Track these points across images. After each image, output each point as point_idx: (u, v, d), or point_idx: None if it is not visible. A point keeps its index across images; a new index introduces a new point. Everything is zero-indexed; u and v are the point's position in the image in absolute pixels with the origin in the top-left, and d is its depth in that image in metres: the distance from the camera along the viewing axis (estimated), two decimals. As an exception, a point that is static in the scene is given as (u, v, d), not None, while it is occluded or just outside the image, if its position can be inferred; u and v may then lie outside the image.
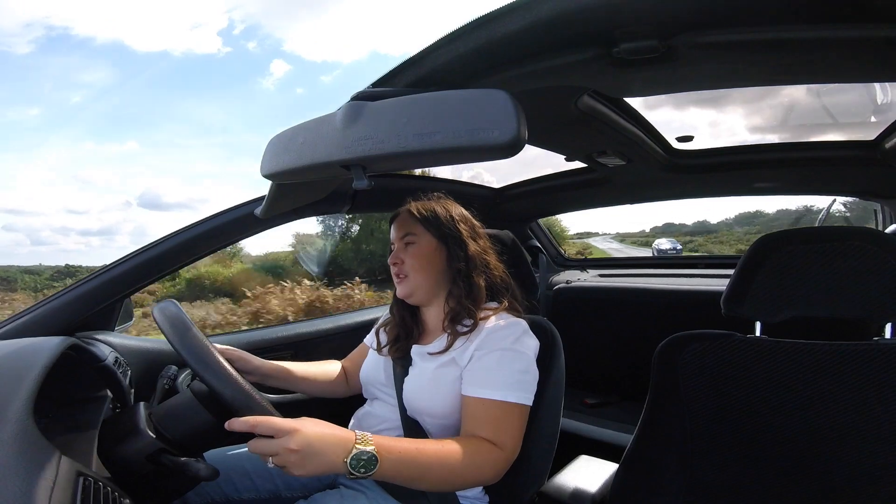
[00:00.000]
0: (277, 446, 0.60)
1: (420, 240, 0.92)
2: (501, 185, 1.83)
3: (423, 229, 0.93)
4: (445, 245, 0.92)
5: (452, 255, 0.91)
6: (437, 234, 0.92)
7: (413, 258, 0.92)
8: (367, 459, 0.62)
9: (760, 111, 1.21)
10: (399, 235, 0.95)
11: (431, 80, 0.54)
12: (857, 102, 1.13)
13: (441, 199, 0.99)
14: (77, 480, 0.51)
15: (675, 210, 46.17)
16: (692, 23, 0.49)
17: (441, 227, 0.92)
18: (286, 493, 0.93)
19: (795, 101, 1.15)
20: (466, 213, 0.98)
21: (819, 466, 0.77)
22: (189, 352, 0.65)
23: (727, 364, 0.84)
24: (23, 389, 0.59)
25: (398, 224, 0.96)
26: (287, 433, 0.60)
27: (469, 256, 0.91)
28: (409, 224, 0.94)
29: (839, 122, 1.19)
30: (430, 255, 0.92)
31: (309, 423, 0.63)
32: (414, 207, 0.95)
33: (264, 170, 0.64)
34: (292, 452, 0.60)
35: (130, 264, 1.08)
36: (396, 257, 0.94)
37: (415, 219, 0.93)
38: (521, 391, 0.81)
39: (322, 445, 0.62)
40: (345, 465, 0.62)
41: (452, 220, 0.93)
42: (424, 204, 0.96)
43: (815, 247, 0.78)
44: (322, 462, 0.61)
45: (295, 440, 0.60)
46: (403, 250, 0.93)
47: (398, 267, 0.93)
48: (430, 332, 0.95)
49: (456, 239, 0.92)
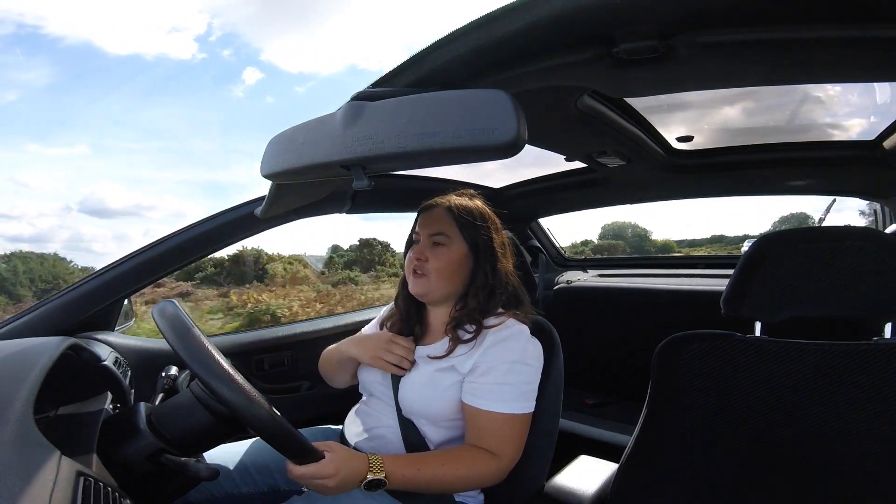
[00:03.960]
0: (319, 484, 0.71)
1: (452, 244, 0.87)
2: (501, 185, 1.83)
3: (458, 233, 0.87)
4: (475, 255, 0.88)
5: (479, 268, 0.87)
6: (470, 243, 0.87)
7: (439, 260, 0.87)
8: (377, 483, 0.74)
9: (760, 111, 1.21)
10: (429, 231, 0.89)
11: (431, 80, 0.54)
12: (857, 102, 1.13)
13: (475, 198, 0.94)
14: (77, 480, 0.51)
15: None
16: (692, 23, 0.49)
17: (476, 236, 0.87)
18: (284, 487, 0.93)
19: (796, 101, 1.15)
20: (499, 221, 0.93)
21: (819, 466, 0.77)
22: (188, 353, 0.65)
23: (727, 364, 0.84)
24: (23, 389, 0.59)
25: (431, 218, 0.90)
26: (328, 476, 0.71)
27: (496, 273, 0.87)
28: (442, 222, 0.88)
29: (839, 123, 1.19)
30: (457, 263, 0.87)
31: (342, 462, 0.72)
32: (454, 205, 0.89)
33: (264, 170, 0.64)
34: (327, 488, 0.71)
35: (130, 264, 1.08)
36: (421, 253, 0.88)
37: (451, 218, 0.88)
38: (526, 401, 0.82)
39: (345, 478, 0.72)
40: (359, 486, 0.74)
41: (488, 230, 0.88)
42: (463, 203, 0.90)
43: (815, 247, 0.78)
44: (342, 489, 0.73)
45: (332, 480, 0.71)
46: (430, 248, 0.88)
47: (420, 263, 0.88)
48: (432, 333, 0.93)
49: (488, 252, 0.87)
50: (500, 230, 0.92)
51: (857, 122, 1.19)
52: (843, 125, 1.20)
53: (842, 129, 1.21)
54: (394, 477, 0.75)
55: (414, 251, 0.90)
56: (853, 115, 1.17)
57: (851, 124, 1.20)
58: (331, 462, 0.71)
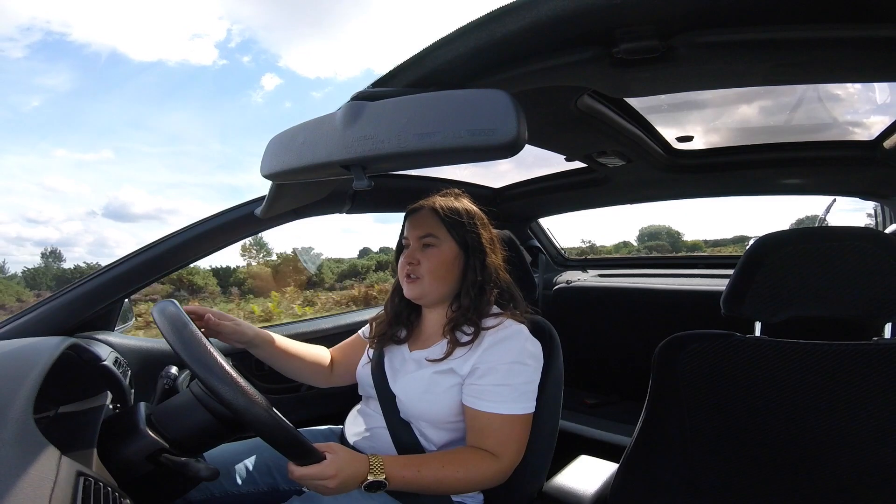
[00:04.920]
0: (320, 485, 0.71)
1: (442, 244, 0.88)
2: (501, 185, 1.83)
3: (447, 233, 0.88)
4: (465, 253, 0.88)
5: (470, 266, 0.88)
6: (460, 241, 0.88)
7: (431, 262, 0.87)
8: (377, 485, 0.74)
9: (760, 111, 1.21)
10: (418, 234, 0.89)
11: (432, 79, 0.54)
12: (857, 102, 1.13)
13: (460, 197, 0.95)
14: (77, 480, 0.51)
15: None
16: (692, 23, 0.49)
17: (465, 235, 0.88)
18: (284, 486, 0.93)
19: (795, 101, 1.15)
20: (485, 217, 0.93)
21: (819, 466, 0.77)
22: (189, 354, 0.65)
23: (727, 364, 0.84)
24: (23, 389, 0.59)
25: (418, 221, 0.90)
26: (329, 477, 0.71)
27: (486, 268, 0.88)
28: (431, 224, 0.89)
29: (839, 122, 1.19)
30: (449, 262, 0.88)
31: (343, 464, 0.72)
32: (439, 206, 0.89)
33: (264, 170, 0.64)
34: (327, 489, 0.72)
35: (130, 264, 1.08)
36: (413, 257, 0.88)
37: (438, 219, 0.88)
38: (526, 401, 0.82)
39: (345, 480, 0.72)
40: (359, 487, 0.74)
41: (475, 226, 0.89)
42: (449, 203, 0.90)
43: (815, 247, 0.78)
44: (342, 490, 0.73)
45: (333, 481, 0.71)
46: (421, 251, 0.88)
47: (413, 267, 0.88)
48: (429, 336, 0.93)
49: (477, 249, 0.88)
50: (488, 225, 0.93)
51: (856, 121, 1.19)
52: (843, 125, 1.20)
53: (842, 128, 1.21)
54: (394, 478, 0.75)
55: (405, 256, 0.90)
56: (854, 115, 1.17)
57: (851, 124, 1.20)
58: (332, 463, 0.71)
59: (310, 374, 1.02)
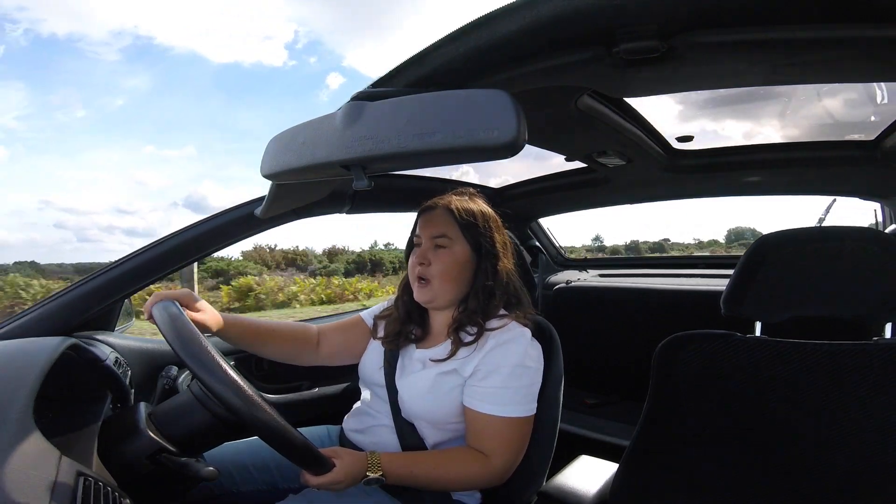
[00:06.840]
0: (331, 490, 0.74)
1: (455, 245, 0.86)
2: (501, 185, 1.83)
3: (460, 234, 0.86)
4: (478, 256, 0.86)
5: (481, 269, 0.86)
6: (473, 244, 0.86)
7: (443, 263, 0.85)
8: (375, 480, 0.76)
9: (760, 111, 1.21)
10: (430, 233, 0.87)
11: (432, 79, 0.54)
12: (857, 102, 1.13)
13: (475, 197, 0.93)
14: (77, 480, 0.51)
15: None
16: (693, 23, 0.49)
17: (478, 237, 0.86)
18: (283, 485, 0.94)
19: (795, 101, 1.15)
20: (500, 219, 0.91)
21: (820, 466, 0.77)
22: (188, 353, 0.65)
23: (727, 364, 0.84)
24: (23, 389, 0.59)
25: (432, 220, 0.88)
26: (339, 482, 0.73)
27: (497, 273, 0.86)
28: (445, 224, 0.86)
29: (839, 122, 1.19)
30: (461, 265, 0.86)
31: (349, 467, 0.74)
32: (454, 206, 0.87)
33: (264, 170, 0.64)
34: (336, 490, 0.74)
35: (130, 264, 1.07)
36: (424, 257, 0.86)
37: (452, 219, 0.86)
38: (527, 404, 0.83)
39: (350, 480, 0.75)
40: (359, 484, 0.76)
41: (490, 229, 0.87)
42: (464, 204, 0.88)
43: (814, 247, 0.78)
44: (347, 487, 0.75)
45: (341, 484, 0.74)
46: (433, 251, 0.86)
47: (423, 268, 0.86)
48: (434, 336, 0.92)
49: (489, 253, 0.86)
50: (501, 229, 0.91)
51: (856, 121, 1.19)
52: (843, 125, 1.20)
53: (841, 128, 1.21)
54: (391, 475, 0.78)
55: (416, 255, 0.88)
56: (853, 115, 1.17)
57: (851, 124, 1.20)
58: (341, 470, 0.74)
59: (290, 351, 0.96)
